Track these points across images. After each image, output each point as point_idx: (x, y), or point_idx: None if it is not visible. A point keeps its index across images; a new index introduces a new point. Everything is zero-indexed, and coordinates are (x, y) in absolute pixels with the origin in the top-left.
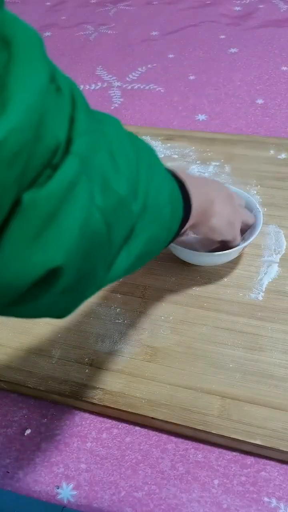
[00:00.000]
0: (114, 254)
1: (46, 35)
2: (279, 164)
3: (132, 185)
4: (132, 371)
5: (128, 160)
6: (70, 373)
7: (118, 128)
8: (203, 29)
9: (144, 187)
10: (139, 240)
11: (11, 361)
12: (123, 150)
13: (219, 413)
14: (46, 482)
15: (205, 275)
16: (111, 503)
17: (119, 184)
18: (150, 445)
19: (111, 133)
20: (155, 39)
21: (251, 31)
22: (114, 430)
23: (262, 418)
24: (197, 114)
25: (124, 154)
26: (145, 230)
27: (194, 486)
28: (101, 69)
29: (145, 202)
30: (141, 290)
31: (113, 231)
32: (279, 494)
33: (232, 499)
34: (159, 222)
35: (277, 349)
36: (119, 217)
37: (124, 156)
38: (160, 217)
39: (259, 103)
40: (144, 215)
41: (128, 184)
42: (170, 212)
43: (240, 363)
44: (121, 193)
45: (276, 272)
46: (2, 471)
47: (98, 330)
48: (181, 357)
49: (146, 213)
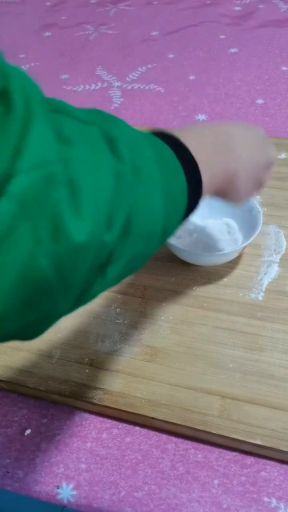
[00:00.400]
0: (75, 293)
1: (46, 35)
2: (279, 164)
3: (102, 217)
4: (132, 371)
5: (98, 186)
6: (70, 373)
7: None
8: (203, 29)
9: (124, 208)
10: (118, 265)
11: (11, 361)
12: (93, 174)
13: (219, 413)
14: (46, 482)
15: (205, 275)
16: (111, 503)
17: (77, 227)
18: (150, 445)
19: (80, 155)
20: (155, 39)
21: (251, 31)
22: (114, 430)
23: (262, 418)
24: (197, 114)
25: (94, 180)
26: (126, 253)
27: (194, 486)
28: (101, 69)
29: (125, 225)
30: (141, 290)
31: (69, 275)
32: (279, 494)
33: (232, 499)
34: (146, 239)
35: (277, 349)
36: (78, 259)
37: (93, 183)
38: (148, 234)
39: (259, 103)
40: (125, 238)
41: (94, 220)
42: (162, 222)
43: (240, 363)
44: (78, 239)
45: (276, 272)
46: (2, 471)
47: (98, 330)
48: (181, 357)
49: (129, 235)
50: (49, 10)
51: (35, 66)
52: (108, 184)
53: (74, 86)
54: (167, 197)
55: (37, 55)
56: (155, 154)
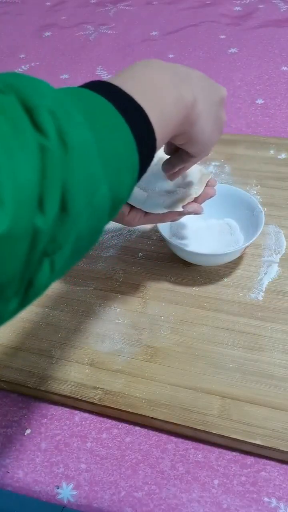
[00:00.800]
0: (19, 284)
1: (46, 35)
2: (279, 164)
3: (27, 200)
4: (132, 371)
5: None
6: (70, 373)
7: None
8: (203, 29)
9: (54, 187)
10: (66, 248)
11: (11, 361)
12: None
13: (219, 413)
14: (46, 482)
15: (205, 275)
16: (111, 503)
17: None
18: (150, 445)
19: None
20: (155, 39)
21: (251, 31)
22: (114, 430)
23: (262, 418)
24: None
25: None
26: (71, 235)
27: (194, 486)
28: (101, 69)
29: (61, 205)
30: (141, 290)
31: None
32: (279, 494)
33: (232, 499)
34: (92, 214)
35: (277, 349)
36: (8, 248)
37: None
38: (92, 208)
39: (259, 103)
40: (65, 219)
41: (17, 205)
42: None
43: (240, 363)
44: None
45: (276, 272)
46: (2, 471)
47: (98, 330)
48: (181, 357)
49: (68, 215)
50: (49, 10)
51: (35, 66)
52: (31, 163)
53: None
54: (107, 163)
55: (37, 55)
56: (85, 116)
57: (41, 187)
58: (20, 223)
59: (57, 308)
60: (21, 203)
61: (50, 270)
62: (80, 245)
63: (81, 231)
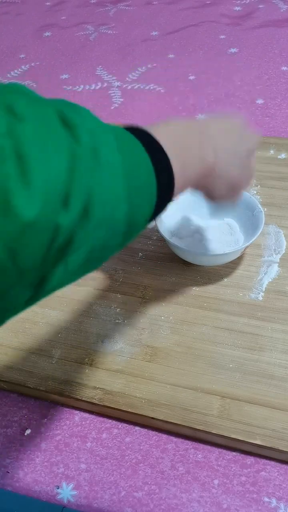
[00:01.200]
0: (32, 279)
1: (46, 35)
2: (279, 164)
3: (54, 195)
4: (132, 371)
5: (50, 164)
6: (70, 373)
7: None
8: (203, 29)
9: (82, 190)
10: (80, 252)
11: (11, 361)
12: (45, 151)
13: (219, 413)
14: (46, 482)
15: (205, 275)
16: (111, 503)
17: (26, 203)
18: (150, 445)
19: (31, 132)
20: (155, 39)
21: (251, 31)
22: (114, 430)
23: (262, 418)
24: (197, 114)
25: (45, 157)
26: (87, 240)
27: (194, 486)
28: (101, 69)
29: (85, 207)
30: (141, 290)
31: (21, 256)
32: (279, 494)
33: (232, 499)
34: (108, 228)
35: (277, 349)
36: (29, 239)
37: (44, 160)
38: (110, 222)
39: (259, 103)
40: (85, 222)
41: (45, 198)
42: (126, 212)
43: (240, 363)
44: (27, 216)
45: (276, 272)
46: (2, 471)
47: (98, 330)
48: (181, 357)
49: (89, 219)
50: (49, 10)
51: (35, 66)
52: (62, 163)
53: (74, 86)
54: (130, 186)
55: (37, 55)
56: (117, 142)
57: (68, 186)
58: (46, 214)
59: (57, 308)
60: (49, 195)
61: (63, 270)
62: (92, 256)
63: (97, 241)
